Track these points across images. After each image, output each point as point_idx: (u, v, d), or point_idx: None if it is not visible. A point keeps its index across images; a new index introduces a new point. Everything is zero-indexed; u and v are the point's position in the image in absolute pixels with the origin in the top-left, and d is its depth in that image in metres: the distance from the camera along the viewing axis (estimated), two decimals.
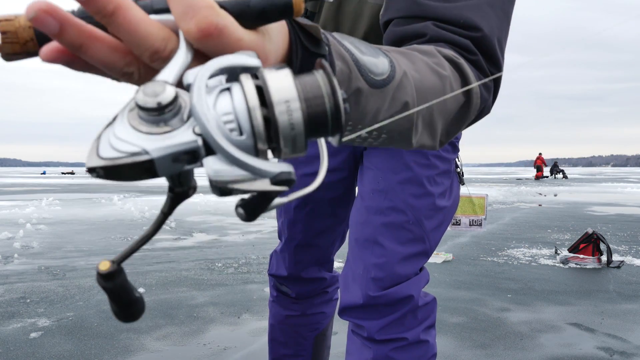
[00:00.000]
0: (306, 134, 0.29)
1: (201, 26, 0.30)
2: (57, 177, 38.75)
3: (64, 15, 0.30)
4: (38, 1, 0.29)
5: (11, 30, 0.32)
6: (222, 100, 0.28)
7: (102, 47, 0.32)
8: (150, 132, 0.28)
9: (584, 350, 2.22)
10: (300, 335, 1.45)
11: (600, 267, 4.05)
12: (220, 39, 0.31)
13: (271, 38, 0.35)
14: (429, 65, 0.56)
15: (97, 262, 3.30)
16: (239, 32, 0.32)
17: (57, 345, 2.30)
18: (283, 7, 0.32)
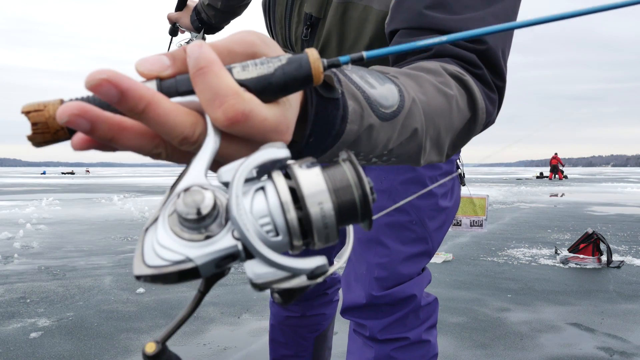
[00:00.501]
0: (337, 225, 0.31)
1: (228, 115, 0.31)
2: (57, 177, 38.76)
3: (94, 114, 0.31)
4: (69, 105, 0.30)
5: (41, 121, 0.32)
6: (257, 202, 0.30)
7: (131, 135, 0.33)
8: (192, 239, 0.29)
9: (584, 350, 2.22)
10: (300, 336, 1.45)
11: (600, 267, 4.05)
12: (246, 124, 0.32)
13: (291, 104, 0.36)
14: (436, 85, 0.57)
15: (97, 262, 3.30)
16: (263, 113, 0.33)
17: (57, 345, 2.30)
18: (303, 80, 0.33)
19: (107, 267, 4.07)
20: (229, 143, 0.33)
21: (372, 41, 0.92)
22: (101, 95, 0.31)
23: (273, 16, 1.05)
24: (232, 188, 0.29)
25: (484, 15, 0.68)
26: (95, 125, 0.31)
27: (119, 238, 5.79)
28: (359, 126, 0.45)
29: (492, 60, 0.67)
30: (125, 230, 6.48)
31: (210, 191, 0.30)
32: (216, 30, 1.48)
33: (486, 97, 0.65)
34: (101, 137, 0.32)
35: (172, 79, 0.33)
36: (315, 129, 0.41)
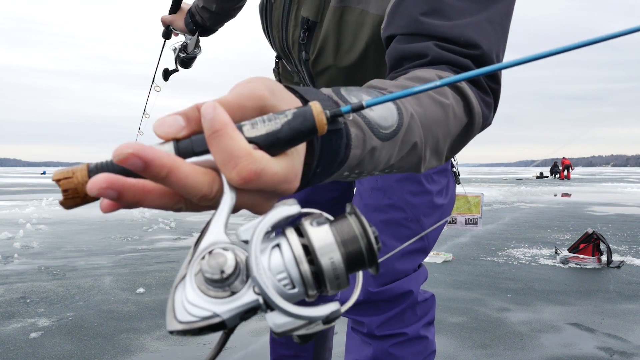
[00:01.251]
0: (347, 273, 0.34)
1: (242, 175, 0.34)
2: None
3: (119, 184, 0.34)
4: (97, 179, 0.34)
5: (71, 187, 0.35)
6: (274, 258, 0.34)
7: (155, 197, 0.36)
8: (218, 296, 0.33)
9: (584, 350, 2.22)
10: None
11: (600, 267, 4.05)
12: (259, 181, 0.35)
13: (298, 152, 0.39)
14: (432, 97, 0.59)
15: (97, 262, 3.30)
16: (273, 168, 0.36)
17: (57, 345, 2.30)
18: (308, 132, 0.36)
19: (107, 267, 4.07)
20: (244, 195, 0.37)
21: (368, 45, 0.92)
22: (129, 166, 0.33)
23: (270, 20, 1.05)
24: (251, 248, 0.33)
25: (479, 20, 0.70)
26: (122, 193, 0.34)
27: (119, 238, 5.79)
28: (362, 150, 0.47)
29: (487, 64, 0.67)
30: (125, 230, 6.48)
31: (231, 251, 0.34)
32: (210, 32, 1.49)
33: (482, 101, 0.67)
34: (128, 202, 0.35)
35: (187, 139, 0.36)
36: (321, 160, 0.44)
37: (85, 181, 0.35)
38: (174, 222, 7.28)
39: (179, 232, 6.33)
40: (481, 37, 0.68)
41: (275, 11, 1.02)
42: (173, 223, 7.19)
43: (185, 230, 6.56)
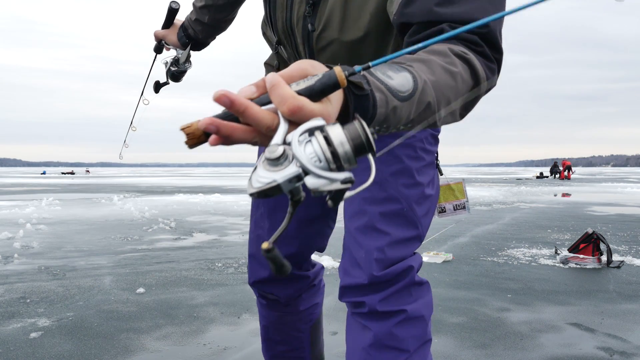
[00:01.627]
0: (355, 156, 0.52)
1: (290, 108, 0.53)
2: (57, 177, 38.74)
3: (217, 122, 0.54)
4: (205, 119, 0.53)
5: (191, 131, 0.56)
6: (308, 148, 0.52)
7: (240, 132, 0.55)
8: (275, 170, 0.51)
9: (584, 350, 2.22)
10: (296, 330, 1.49)
11: (600, 267, 4.05)
12: (301, 113, 0.53)
13: (331, 102, 0.57)
14: (443, 66, 0.75)
15: (97, 262, 3.32)
16: (311, 106, 0.54)
17: (57, 345, 2.30)
18: (333, 85, 0.56)
19: (107, 267, 4.07)
20: (292, 126, 0.54)
21: (372, 20, 1.01)
22: (220, 103, 0.53)
23: (274, 2, 1.12)
24: (292, 141, 0.52)
25: (483, 3, 0.86)
26: (219, 128, 0.54)
27: (119, 238, 5.79)
28: (385, 109, 0.64)
29: (492, 39, 0.85)
30: (125, 230, 6.48)
31: (282, 146, 0.52)
32: (202, 46, 1.55)
33: (486, 68, 0.82)
34: (223, 135, 0.54)
35: (257, 98, 0.57)
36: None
37: (199, 127, 0.54)
38: (174, 222, 7.28)
39: (179, 232, 6.33)
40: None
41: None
42: (173, 223, 7.19)
43: (185, 230, 6.56)
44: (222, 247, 5.17)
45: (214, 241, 5.58)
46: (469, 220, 7.56)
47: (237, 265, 4.18)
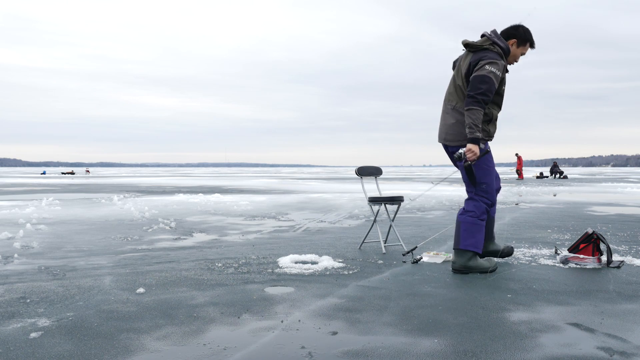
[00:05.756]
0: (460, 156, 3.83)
1: (470, 156, 3.83)
2: (57, 177, 38.71)
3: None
4: None
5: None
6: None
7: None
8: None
9: (584, 350, 2.22)
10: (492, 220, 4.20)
11: (600, 267, 4.05)
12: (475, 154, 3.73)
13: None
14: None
15: (97, 262, 3.30)
16: (476, 149, 3.81)
17: (57, 345, 2.30)
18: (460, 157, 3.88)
19: (107, 267, 4.07)
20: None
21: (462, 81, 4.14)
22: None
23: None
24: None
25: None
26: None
27: (119, 238, 5.79)
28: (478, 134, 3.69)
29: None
30: (125, 230, 6.48)
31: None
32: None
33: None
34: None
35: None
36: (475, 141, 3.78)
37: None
38: (174, 222, 7.28)
39: (179, 232, 6.33)
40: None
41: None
42: (173, 223, 7.19)
43: (185, 230, 6.56)
44: (222, 247, 5.17)
45: (214, 241, 5.58)
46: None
47: (237, 265, 4.18)
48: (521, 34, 3.92)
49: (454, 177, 35.54)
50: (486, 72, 3.69)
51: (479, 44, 3.83)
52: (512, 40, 3.92)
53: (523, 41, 3.94)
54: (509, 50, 3.88)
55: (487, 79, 3.68)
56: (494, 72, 3.70)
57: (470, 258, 3.84)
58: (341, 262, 4.28)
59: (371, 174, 5.33)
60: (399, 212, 8.01)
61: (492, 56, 3.74)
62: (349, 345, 2.30)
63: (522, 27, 3.95)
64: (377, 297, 3.15)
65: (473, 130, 3.70)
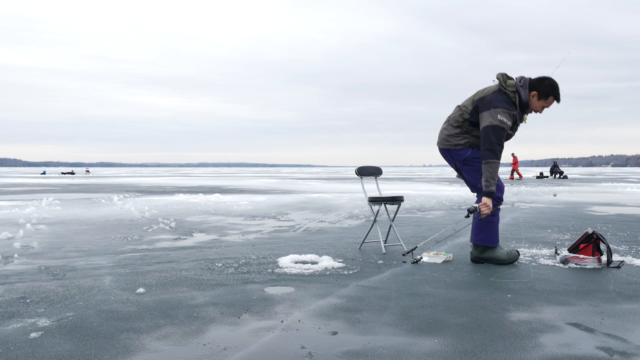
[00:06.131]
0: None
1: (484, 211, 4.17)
2: (57, 177, 38.71)
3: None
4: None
5: None
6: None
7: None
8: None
9: (584, 350, 2.22)
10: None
11: (600, 267, 4.05)
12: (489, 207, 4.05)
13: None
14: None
15: (97, 262, 3.30)
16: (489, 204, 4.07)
17: (57, 345, 2.30)
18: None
19: (107, 267, 4.07)
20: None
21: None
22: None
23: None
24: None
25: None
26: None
27: (119, 238, 5.79)
28: (491, 186, 3.98)
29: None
30: (125, 230, 6.48)
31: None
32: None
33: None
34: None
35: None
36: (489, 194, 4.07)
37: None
38: (174, 222, 7.28)
39: (179, 232, 6.32)
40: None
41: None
42: (173, 223, 7.19)
43: (185, 230, 6.56)
44: (222, 247, 5.17)
45: (214, 241, 5.58)
46: (469, 220, 7.55)
47: (237, 265, 4.18)
48: (544, 87, 4.03)
49: (454, 177, 35.52)
50: (498, 122, 3.93)
51: (503, 83, 4.05)
52: (533, 92, 4.05)
53: (545, 95, 4.04)
54: (527, 103, 4.05)
55: (499, 129, 3.94)
56: (505, 122, 3.96)
57: (483, 251, 4.22)
58: (341, 262, 4.28)
59: (371, 174, 5.33)
60: (399, 212, 8.01)
61: (506, 106, 3.98)
62: (349, 345, 2.30)
63: (549, 80, 4.06)
64: (377, 297, 3.15)
65: (489, 184, 3.96)
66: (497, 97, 4.00)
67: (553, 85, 4.05)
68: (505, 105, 3.98)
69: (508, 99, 4.02)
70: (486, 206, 3.98)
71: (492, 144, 3.93)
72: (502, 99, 4.00)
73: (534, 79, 4.07)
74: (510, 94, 4.02)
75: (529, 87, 4.05)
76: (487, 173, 3.96)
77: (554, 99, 4.08)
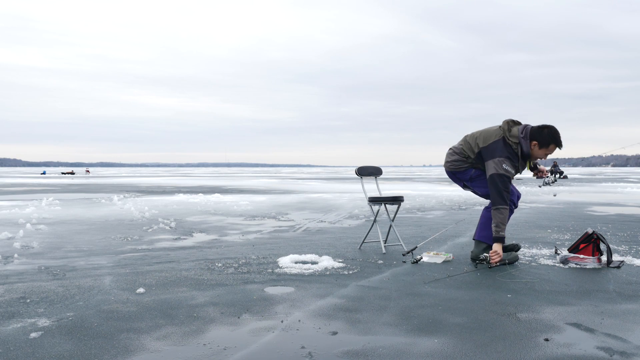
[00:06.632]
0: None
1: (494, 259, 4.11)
2: (57, 177, 38.71)
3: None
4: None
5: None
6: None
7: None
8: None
9: (584, 350, 2.22)
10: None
11: (600, 267, 4.05)
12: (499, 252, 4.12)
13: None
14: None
15: (97, 262, 3.30)
16: (499, 250, 4.16)
17: (57, 345, 2.30)
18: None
19: (107, 267, 4.07)
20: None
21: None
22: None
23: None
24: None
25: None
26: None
27: (119, 238, 5.79)
28: (502, 232, 4.13)
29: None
30: (125, 230, 6.48)
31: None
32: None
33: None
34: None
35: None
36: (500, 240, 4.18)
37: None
38: (174, 222, 7.28)
39: (179, 232, 6.32)
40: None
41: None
42: (173, 223, 7.19)
43: (185, 230, 6.56)
44: (222, 247, 5.17)
45: (214, 241, 5.58)
46: (469, 220, 7.55)
47: (237, 265, 4.18)
48: (544, 137, 4.18)
49: None
50: (503, 171, 4.14)
51: (507, 132, 4.21)
52: (534, 142, 4.21)
53: (545, 144, 4.19)
54: (528, 153, 4.22)
55: (504, 177, 4.14)
56: (509, 172, 4.16)
57: (485, 249, 4.29)
58: (341, 262, 4.28)
59: (371, 174, 5.33)
60: (399, 212, 8.02)
61: (509, 157, 4.17)
62: (349, 345, 2.30)
63: (548, 129, 4.19)
64: (377, 297, 3.15)
65: (499, 230, 4.09)
66: (500, 147, 4.17)
67: (553, 134, 4.18)
68: (508, 156, 4.16)
69: (511, 150, 4.19)
70: (496, 254, 4.05)
71: (499, 190, 4.11)
72: (506, 150, 4.17)
73: (534, 128, 4.19)
74: (513, 145, 4.19)
75: (530, 138, 4.18)
76: (496, 219, 4.10)
77: (555, 146, 4.22)
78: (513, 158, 4.18)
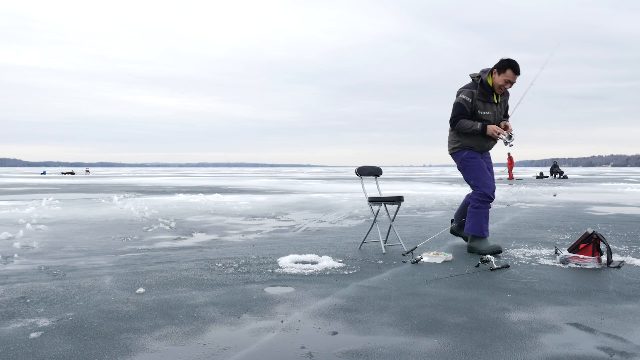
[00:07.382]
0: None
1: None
2: (57, 177, 38.71)
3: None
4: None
5: None
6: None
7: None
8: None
9: (584, 350, 2.22)
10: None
11: (600, 267, 4.05)
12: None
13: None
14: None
15: (97, 262, 3.29)
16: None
17: (57, 345, 2.30)
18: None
19: (107, 267, 4.07)
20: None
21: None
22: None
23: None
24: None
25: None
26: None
27: (119, 238, 5.79)
28: (477, 126, 4.68)
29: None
30: (125, 230, 6.48)
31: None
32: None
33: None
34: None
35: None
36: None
37: None
38: (174, 222, 7.28)
39: (179, 232, 6.32)
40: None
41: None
42: (173, 223, 7.19)
43: (185, 230, 6.56)
44: (222, 247, 5.17)
45: (214, 241, 5.58)
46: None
47: (237, 265, 4.18)
48: (501, 63, 4.63)
49: (454, 176, 35.51)
50: (457, 99, 4.70)
51: (472, 76, 4.78)
52: (493, 71, 4.67)
53: (502, 68, 4.61)
54: (486, 80, 4.67)
55: (456, 105, 4.69)
56: (463, 99, 4.65)
57: (471, 239, 4.71)
58: (341, 262, 4.28)
59: (371, 174, 5.33)
60: (399, 212, 8.02)
61: (467, 85, 4.72)
62: (349, 345, 2.30)
63: (508, 58, 4.65)
64: (377, 297, 3.15)
65: (476, 130, 4.65)
66: (464, 86, 4.76)
67: (509, 60, 4.60)
68: (468, 85, 4.72)
69: (472, 84, 4.71)
70: (494, 131, 4.60)
71: (451, 117, 4.75)
72: (466, 85, 4.74)
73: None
74: (475, 79, 4.73)
75: (490, 69, 4.69)
76: (463, 131, 4.71)
77: (512, 71, 4.58)
78: (472, 89, 4.64)
